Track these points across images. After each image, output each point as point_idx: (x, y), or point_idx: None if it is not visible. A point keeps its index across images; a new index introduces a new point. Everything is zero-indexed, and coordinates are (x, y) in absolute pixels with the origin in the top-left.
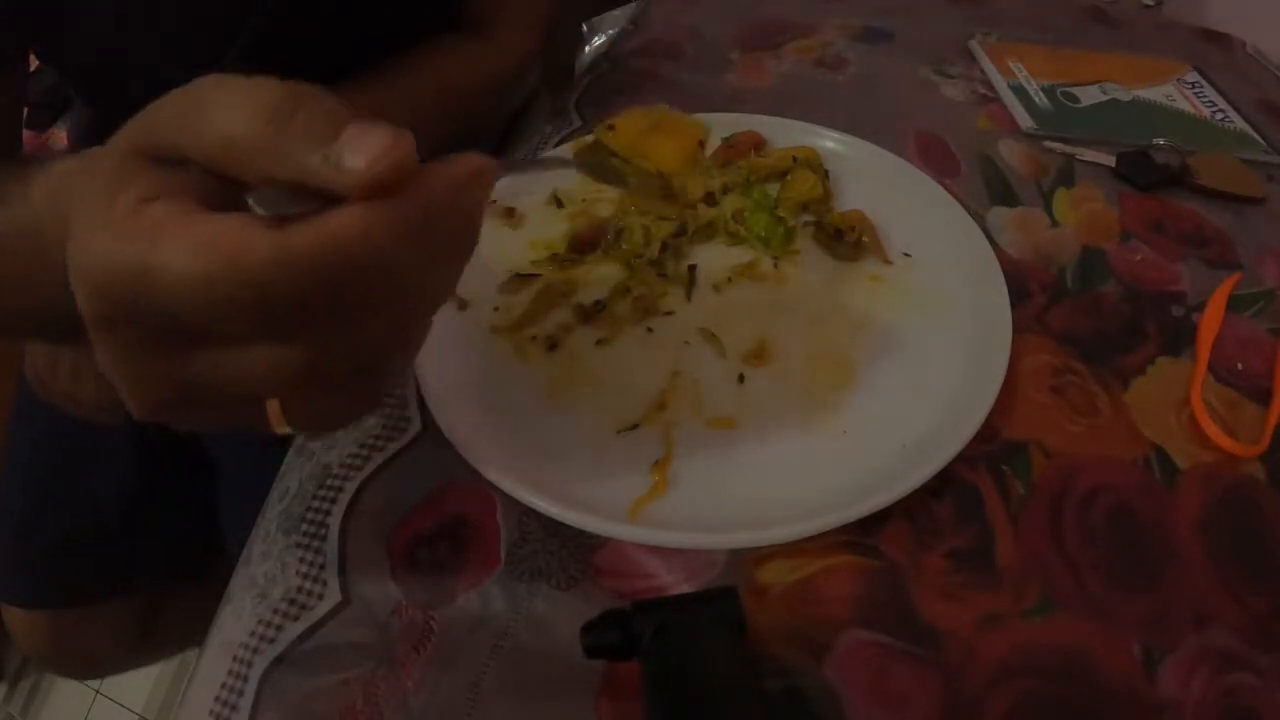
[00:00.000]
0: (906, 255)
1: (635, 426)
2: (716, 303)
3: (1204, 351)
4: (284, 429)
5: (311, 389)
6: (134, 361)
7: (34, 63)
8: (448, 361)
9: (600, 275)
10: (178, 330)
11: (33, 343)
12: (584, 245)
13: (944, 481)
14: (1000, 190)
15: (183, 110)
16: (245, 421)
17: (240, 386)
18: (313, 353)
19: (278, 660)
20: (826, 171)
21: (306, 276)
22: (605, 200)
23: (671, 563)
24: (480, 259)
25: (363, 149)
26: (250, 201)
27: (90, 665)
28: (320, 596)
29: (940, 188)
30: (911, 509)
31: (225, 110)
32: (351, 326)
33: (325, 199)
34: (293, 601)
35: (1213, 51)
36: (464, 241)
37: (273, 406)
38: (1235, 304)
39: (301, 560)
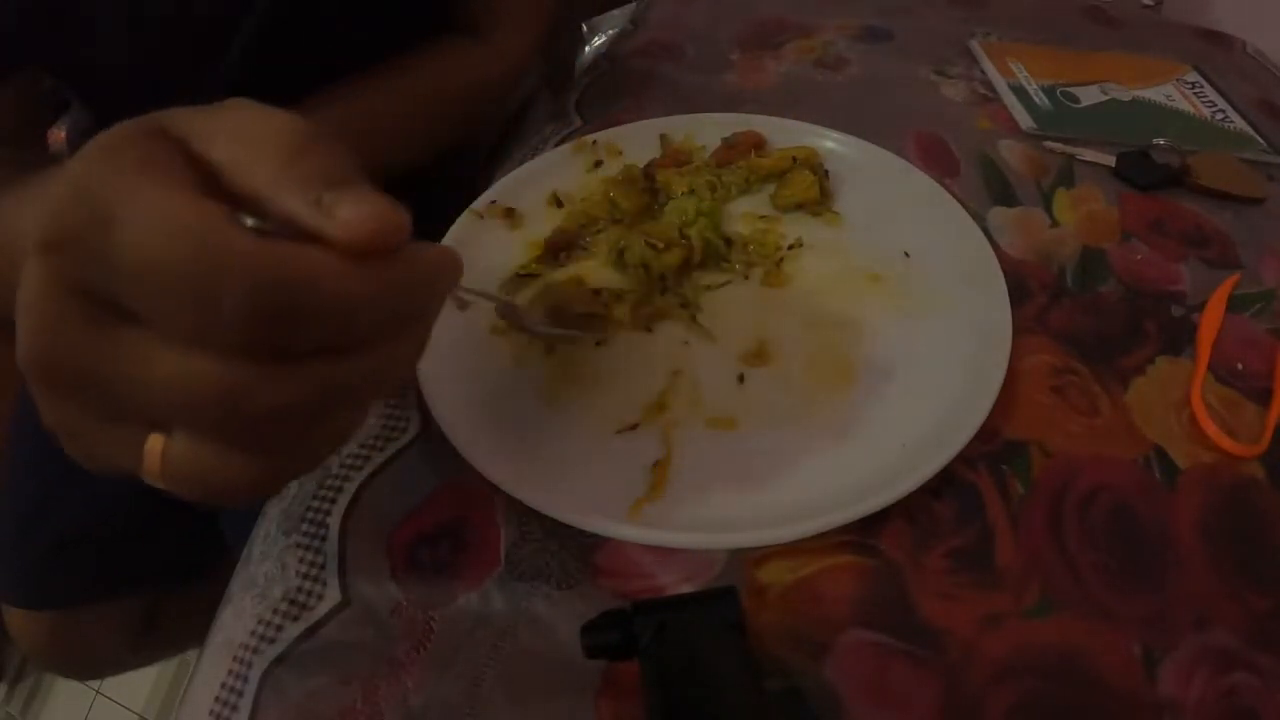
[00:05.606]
0: (906, 255)
1: (635, 426)
2: (716, 303)
3: (1204, 351)
4: (154, 476)
5: (212, 426)
6: (52, 300)
7: None
8: (448, 362)
9: (600, 277)
10: (111, 289)
11: None
12: (557, 249)
13: (944, 481)
14: (1000, 190)
15: (202, 115)
16: (119, 449)
17: (137, 389)
18: (236, 379)
19: (278, 660)
20: (826, 171)
21: (269, 289)
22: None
23: (671, 563)
24: (480, 259)
25: (359, 204)
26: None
27: (90, 665)
28: (320, 596)
29: (940, 188)
30: (911, 509)
31: (244, 125)
32: (283, 369)
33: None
34: (293, 601)
35: (1213, 51)
36: (421, 325)
37: (153, 446)
38: (1235, 304)
39: (301, 560)
